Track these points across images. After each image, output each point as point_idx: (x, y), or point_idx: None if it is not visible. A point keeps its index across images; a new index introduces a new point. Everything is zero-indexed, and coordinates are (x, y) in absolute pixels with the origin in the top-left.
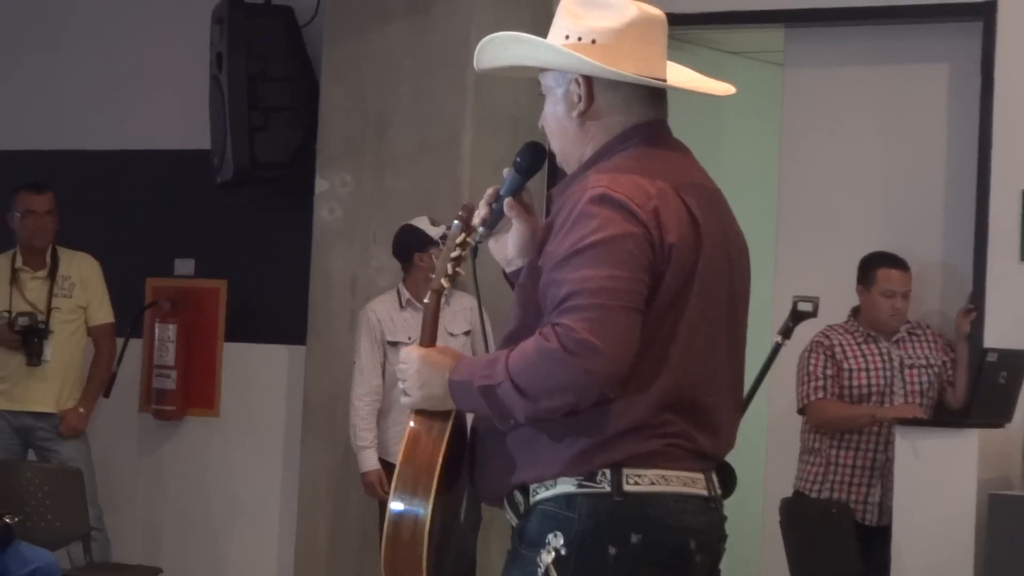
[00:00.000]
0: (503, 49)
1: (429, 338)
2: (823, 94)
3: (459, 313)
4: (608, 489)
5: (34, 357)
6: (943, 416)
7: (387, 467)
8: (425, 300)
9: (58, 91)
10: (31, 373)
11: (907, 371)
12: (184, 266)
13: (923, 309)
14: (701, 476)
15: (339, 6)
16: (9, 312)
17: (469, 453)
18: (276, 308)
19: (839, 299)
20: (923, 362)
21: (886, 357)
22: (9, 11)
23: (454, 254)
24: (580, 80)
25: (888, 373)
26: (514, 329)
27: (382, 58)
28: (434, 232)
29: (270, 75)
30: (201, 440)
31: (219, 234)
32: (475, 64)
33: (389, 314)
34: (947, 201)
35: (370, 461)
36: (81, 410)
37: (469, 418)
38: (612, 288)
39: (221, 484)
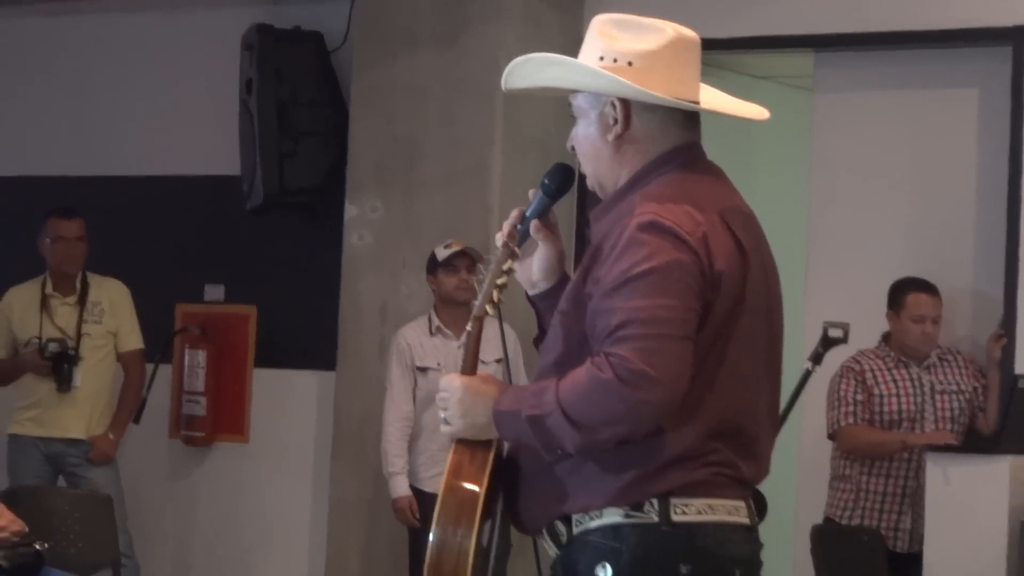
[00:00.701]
0: (536, 70)
1: (471, 366)
2: (852, 119)
3: (491, 340)
4: (656, 519)
5: (64, 383)
6: (974, 442)
7: (415, 493)
8: (467, 327)
9: (88, 117)
10: (61, 399)
11: (938, 397)
12: (214, 292)
13: (954, 335)
14: (743, 504)
15: (368, 32)
16: (39, 338)
17: (507, 481)
18: (306, 334)
19: (870, 325)
20: (954, 388)
21: (917, 383)
22: (40, 38)
23: (500, 280)
24: (616, 103)
25: (919, 399)
26: (558, 357)
27: (411, 84)
28: (442, 254)
29: (300, 101)
30: (231, 466)
31: (249, 260)
32: (503, 84)
33: (419, 340)
34: (977, 226)
35: (401, 487)
36: (111, 436)
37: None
38: (665, 317)
39: (251, 510)
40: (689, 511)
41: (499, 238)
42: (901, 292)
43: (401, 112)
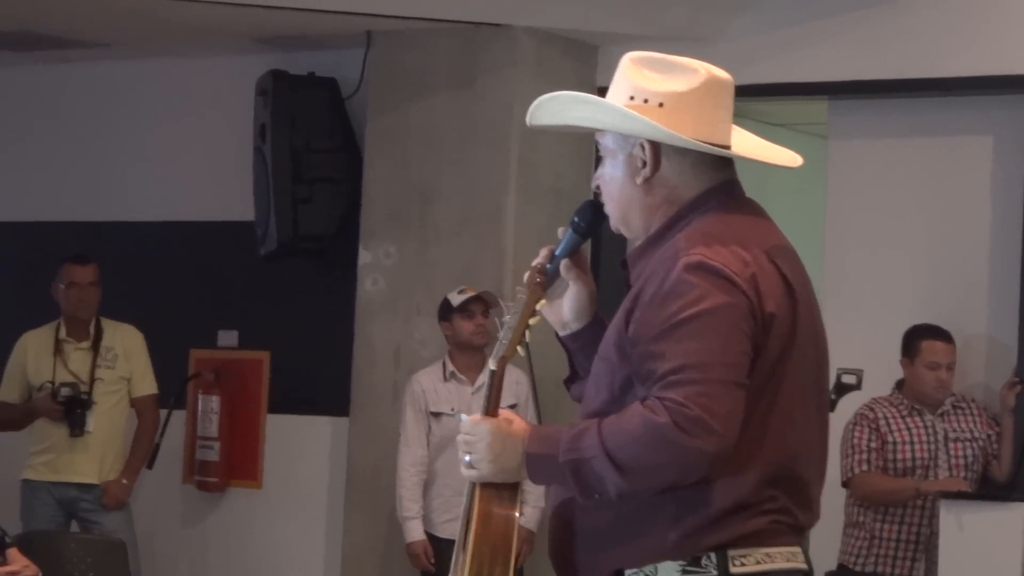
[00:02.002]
0: (564, 108)
1: (494, 407)
2: (867, 166)
3: (506, 386)
4: (715, 573)
5: (77, 428)
6: (988, 490)
7: (429, 538)
8: (491, 367)
9: (102, 163)
10: (74, 444)
11: (952, 444)
12: (227, 337)
13: (968, 382)
14: (799, 550)
15: (383, 78)
16: (52, 383)
17: (552, 531)
18: (319, 380)
19: (884, 372)
20: (968, 435)
21: (931, 430)
22: (55, 84)
23: (531, 320)
24: (645, 144)
25: (932, 446)
26: (601, 405)
27: (426, 130)
28: (457, 300)
29: (314, 147)
30: (244, 512)
31: (262, 305)
32: (528, 120)
33: (433, 385)
34: (992, 273)
35: (416, 532)
36: (124, 481)
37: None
38: (719, 362)
39: (264, 556)
40: (748, 562)
41: (527, 277)
42: (915, 339)
43: (415, 158)
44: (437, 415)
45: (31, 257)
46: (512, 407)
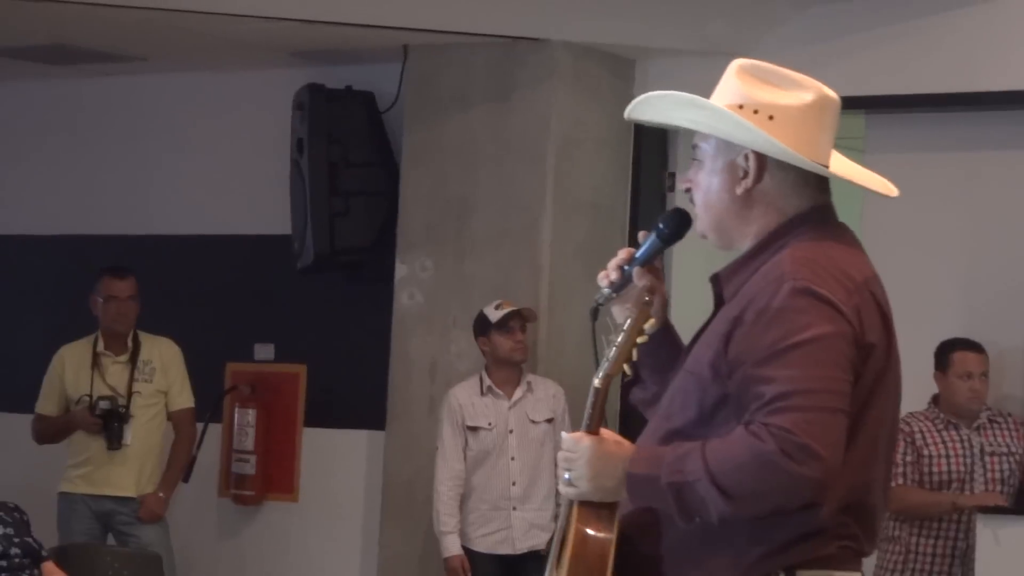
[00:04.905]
0: (672, 108)
1: (596, 425)
2: (904, 181)
3: (542, 400)
4: None
5: (114, 441)
6: None
7: (466, 553)
8: (596, 385)
9: (141, 176)
10: (111, 457)
11: (988, 458)
12: (264, 351)
13: (1004, 396)
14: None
15: (419, 92)
16: (90, 396)
17: (620, 549)
18: (356, 393)
19: (920, 387)
20: (1004, 450)
21: (967, 444)
22: (94, 98)
23: (640, 339)
24: (751, 155)
25: (968, 460)
26: (689, 423)
27: (462, 143)
28: (495, 315)
29: (351, 160)
30: (280, 525)
31: (299, 319)
32: (628, 112)
33: (470, 399)
34: None
35: (453, 546)
36: (161, 494)
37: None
38: (827, 390)
39: (300, 570)
40: None
41: (602, 278)
42: (947, 351)
43: (452, 172)
44: (474, 429)
45: (69, 270)
46: (549, 421)
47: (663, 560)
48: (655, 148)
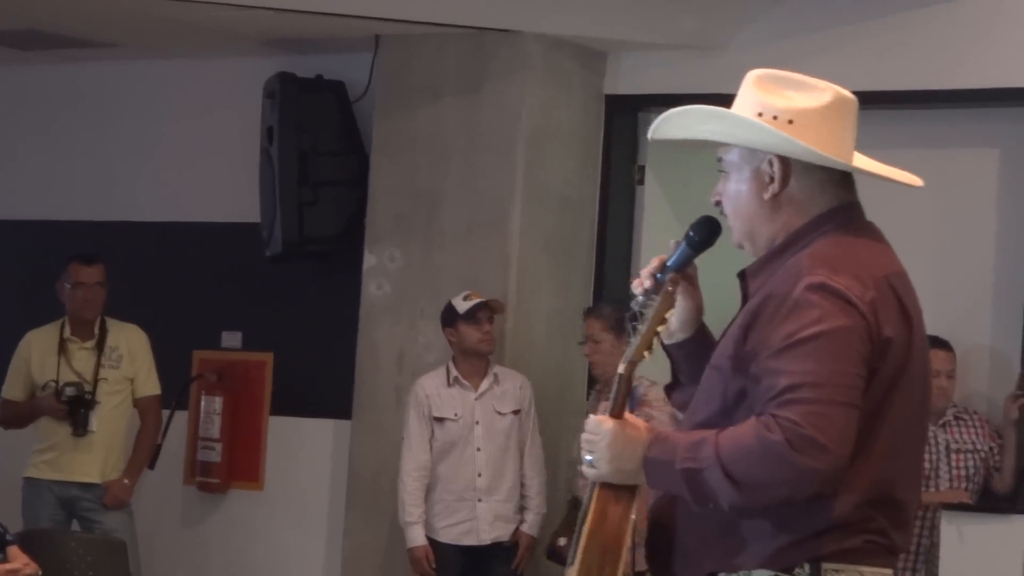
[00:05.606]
0: (695, 123)
1: (620, 409)
2: (868, 179)
3: (509, 392)
4: None
5: (80, 427)
6: (990, 502)
7: (431, 543)
8: (620, 371)
9: (109, 163)
10: (77, 443)
11: (953, 456)
12: (231, 339)
13: (970, 393)
14: (891, 572)
15: (390, 82)
16: (56, 382)
17: (651, 534)
18: (322, 382)
19: None
20: (970, 447)
21: (932, 441)
22: (62, 84)
23: (660, 328)
24: (775, 160)
25: (934, 457)
26: (712, 415)
27: (433, 135)
28: (463, 307)
29: (321, 150)
30: (245, 514)
31: (267, 307)
32: (650, 134)
33: (437, 390)
34: (996, 285)
35: (418, 537)
36: (126, 481)
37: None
38: (836, 383)
39: (265, 558)
40: None
41: (636, 285)
42: None
43: (422, 163)
44: (440, 420)
45: (37, 256)
46: (515, 413)
47: (690, 547)
48: (625, 141)
